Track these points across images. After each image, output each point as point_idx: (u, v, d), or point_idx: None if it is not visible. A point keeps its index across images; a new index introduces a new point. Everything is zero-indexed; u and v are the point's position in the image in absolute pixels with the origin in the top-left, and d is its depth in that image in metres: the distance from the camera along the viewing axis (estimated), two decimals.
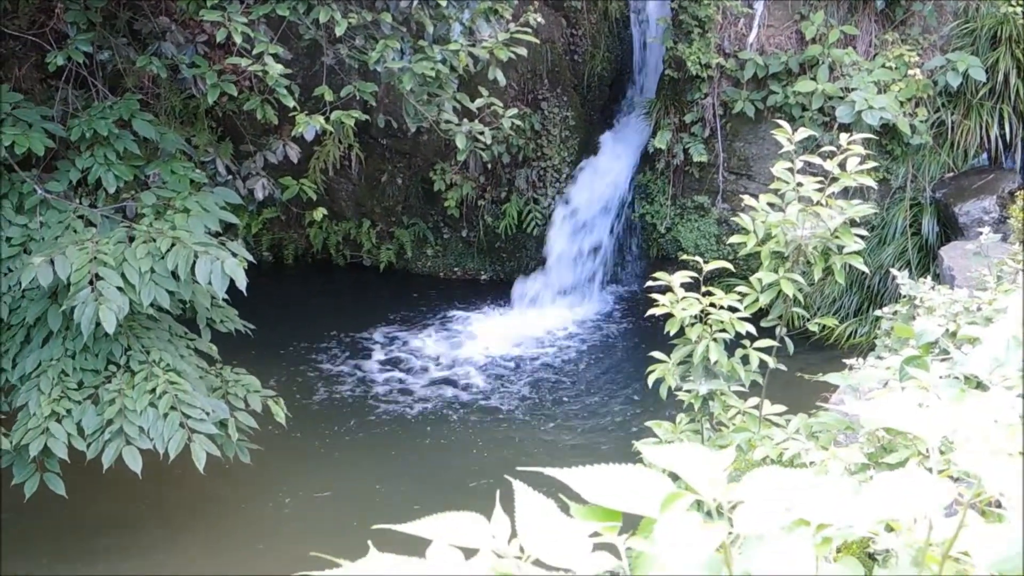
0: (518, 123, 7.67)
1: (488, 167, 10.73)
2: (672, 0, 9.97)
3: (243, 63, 6.34)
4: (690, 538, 0.95)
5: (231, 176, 7.43)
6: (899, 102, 9.11)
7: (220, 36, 6.29)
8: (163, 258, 5.91)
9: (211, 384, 6.63)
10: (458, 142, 7.17)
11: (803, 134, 3.88)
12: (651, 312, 4.06)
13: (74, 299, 5.73)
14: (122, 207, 6.68)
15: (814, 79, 9.32)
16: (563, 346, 10.00)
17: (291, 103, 6.47)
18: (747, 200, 4.01)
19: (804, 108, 9.36)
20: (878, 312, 5.02)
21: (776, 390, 4.18)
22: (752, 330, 3.98)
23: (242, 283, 5.89)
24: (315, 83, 6.98)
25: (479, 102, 7.18)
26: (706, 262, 3.94)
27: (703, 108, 9.90)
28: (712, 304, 3.98)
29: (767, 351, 4.04)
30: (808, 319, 4.60)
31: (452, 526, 1.06)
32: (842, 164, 3.79)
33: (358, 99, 6.97)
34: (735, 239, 4.04)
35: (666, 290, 4.03)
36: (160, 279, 5.91)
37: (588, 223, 10.74)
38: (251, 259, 6.30)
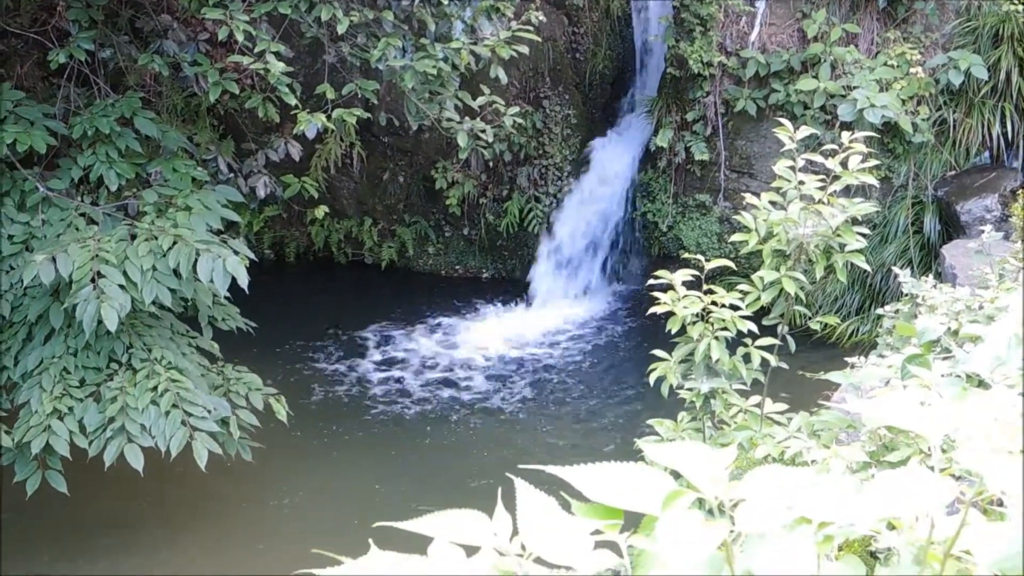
0: (520, 121, 7.66)
1: (490, 165, 10.73)
2: None
3: (245, 61, 6.34)
4: (692, 536, 0.95)
5: (233, 174, 7.43)
6: (901, 100, 9.10)
7: (222, 34, 6.29)
8: (165, 256, 5.91)
9: (213, 382, 6.64)
10: (460, 140, 7.17)
11: (805, 132, 3.88)
12: (652, 310, 4.06)
13: (76, 297, 5.73)
14: (124, 205, 6.68)
15: (816, 77, 9.31)
16: (565, 344, 10.00)
17: (293, 101, 6.47)
18: (749, 198, 4.01)
19: (806, 106, 9.35)
20: (880, 310, 5.01)
21: (778, 388, 4.18)
22: (754, 328, 3.97)
23: (244, 281, 5.89)
24: (317, 81, 6.98)
25: (481, 100, 7.18)
26: (708, 260, 3.93)
27: (705, 106, 9.90)
28: (714, 302, 3.97)
29: (769, 349, 4.04)
30: (810, 317, 4.59)
31: (454, 524, 1.06)
32: (844, 162, 3.79)
33: (360, 97, 6.97)
34: (737, 237, 4.04)
35: (667, 288, 4.03)
36: (162, 277, 5.91)
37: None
38: (253, 257, 6.30)
